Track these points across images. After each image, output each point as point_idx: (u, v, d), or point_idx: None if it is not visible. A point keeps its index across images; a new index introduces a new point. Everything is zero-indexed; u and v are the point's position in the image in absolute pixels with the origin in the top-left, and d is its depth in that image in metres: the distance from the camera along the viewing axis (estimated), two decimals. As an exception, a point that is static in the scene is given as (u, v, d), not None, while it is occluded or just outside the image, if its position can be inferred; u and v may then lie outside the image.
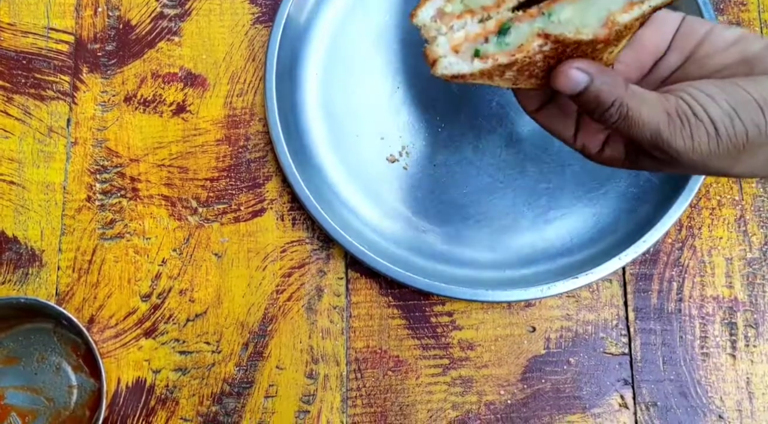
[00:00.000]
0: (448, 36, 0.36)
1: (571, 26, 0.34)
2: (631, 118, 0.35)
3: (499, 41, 0.35)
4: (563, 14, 0.34)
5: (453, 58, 0.35)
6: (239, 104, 0.59)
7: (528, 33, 0.35)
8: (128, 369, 0.54)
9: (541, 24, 0.34)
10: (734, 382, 0.53)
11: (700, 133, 0.34)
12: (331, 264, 0.56)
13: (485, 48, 0.35)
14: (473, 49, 0.35)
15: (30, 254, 0.56)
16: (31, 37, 0.60)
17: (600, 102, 0.35)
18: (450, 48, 0.36)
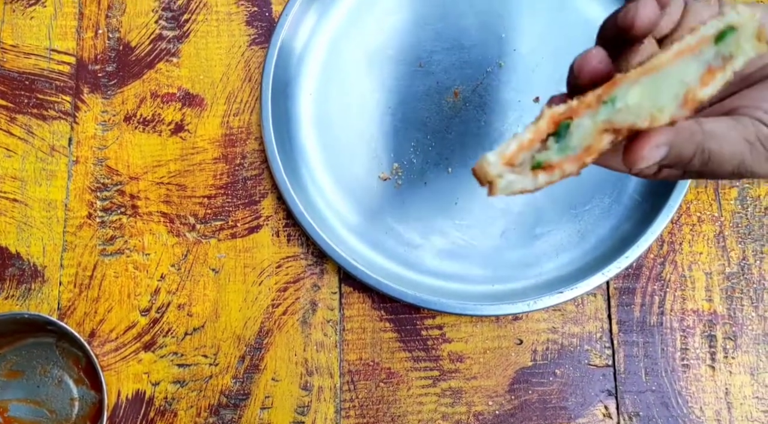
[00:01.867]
0: (498, 150, 0.30)
1: (643, 112, 0.28)
2: (713, 160, 0.32)
3: (561, 146, 0.29)
4: (630, 99, 0.29)
5: (512, 176, 0.30)
6: (236, 123, 0.60)
7: (592, 129, 0.29)
8: (128, 382, 0.56)
9: (605, 115, 0.29)
10: (713, 392, 0.55)
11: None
12: (325, 279, 0.58)
13: (546, 156, 0.30)
14: (531, 159, 0.30)
15: (32, 270, 0.58)
16: (34, 58, 0.61)
17: (680, 161, 0.32)
18: (502, 162, 0.30)
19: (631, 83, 0.29)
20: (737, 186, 0.59)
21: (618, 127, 0.29)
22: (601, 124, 0.29)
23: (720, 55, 0.29)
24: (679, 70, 0.28)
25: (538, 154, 0.30)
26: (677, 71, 0.28)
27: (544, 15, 0.61)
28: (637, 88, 0.29)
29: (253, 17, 0.62)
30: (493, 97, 0.60)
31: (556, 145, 0.30)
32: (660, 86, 0.28)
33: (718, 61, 0.29)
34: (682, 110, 0.29)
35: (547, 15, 0.61)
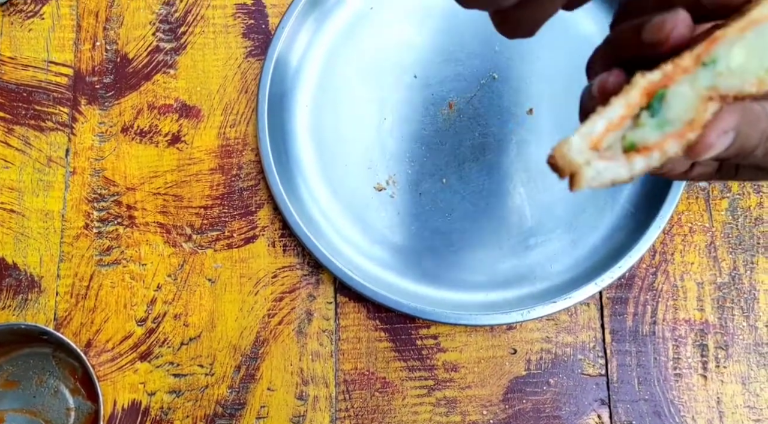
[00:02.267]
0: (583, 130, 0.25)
1: (749, 75, 0.24)
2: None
3: (659, 121, 0.24)
4: (733, 60, 0.24)
5: (601, 164, 0.25)
6: (232, 134, 0.61)
7: (693, 97, 0.24)
8: (124, 392, 0.56)
9: (707, 80, 0.24)
10: (705, 401, 0.55)
11: None
12: (321, 289, 0.58)
13: (641, 135, 0.25)
14: (622, 140, 0.25)
15: (29, 281, 0.58)
16: (32, 70, 0.62)
17: (743, 151, 0.28)
18: (588, 147, 0.25)
19: (732, 41, 0.24)
20: (728, 197, 0.59)
21: (724, 94, 0.24)
22: (703, 90, 0.24)
23: None
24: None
25: (630, 133, 0.25)
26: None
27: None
28: (740, 46, 0.24)
29: (249, 30, 0.63)
30: (488, 108, 0.61)
31: (652, 120, 0.24)
32: (765, 43, 0.24)
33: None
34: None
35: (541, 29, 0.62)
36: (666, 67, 0.25)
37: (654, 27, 0.26)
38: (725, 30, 0.24)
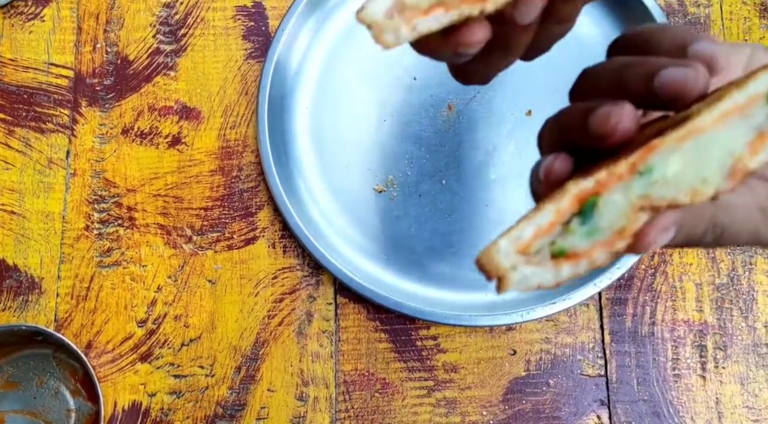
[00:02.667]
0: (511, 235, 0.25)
1: (684, 185, 0.24)
2: (726, 234, 0.28)
3: (589, 229, 0.24)
4: (670, 168, 0.24)
5: (528, 270, 0.25)
6: (232, 136, 0.61)
7: (625, 207, 0.24)
8: (125, 393, 0.56)
9: (641, 189, 0.24)
10: (704, 402, 0.56)
11: None
12: (321, 290, 0.58)
13: (570, 242, 0.24)
14: (551, 245, 0.25)
15: (30, 282, 0.58)
16: (32, 72, 0.62)
17: (690, 239, 0.28)
18: (515, 251, 0.25)
19: (669, 150, 0.24)
20: (726, 198, 0.60)
21: (656, 204, 0.24)
22: (636, 200, 0.24)
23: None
24: (724, 135, 0.24)
25: (560, 239, 0.25)
26: (723, 136, 0.24)
27: (536, 30, 0.62)
28: (677, 155, 0.24)
29: (249, 32, 0.63)
30: (487, 110, 0.61)
31: (582, 228, 0.24)
32: (703, 153, 0.23)
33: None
34: (728, 182, 0.24)
35: (539, 30, 0.63)
36: (599, 174, 0.24)
37: (599, 119, 0.25)
38: (663, 139, 0.24)
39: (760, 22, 0.63)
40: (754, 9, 0.63)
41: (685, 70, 0.24)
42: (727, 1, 0.63)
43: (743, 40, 0.62)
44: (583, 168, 0.26)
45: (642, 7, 0.60)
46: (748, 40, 0.62)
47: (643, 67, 0.26)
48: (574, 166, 0.27)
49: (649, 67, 0.26)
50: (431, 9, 0.24)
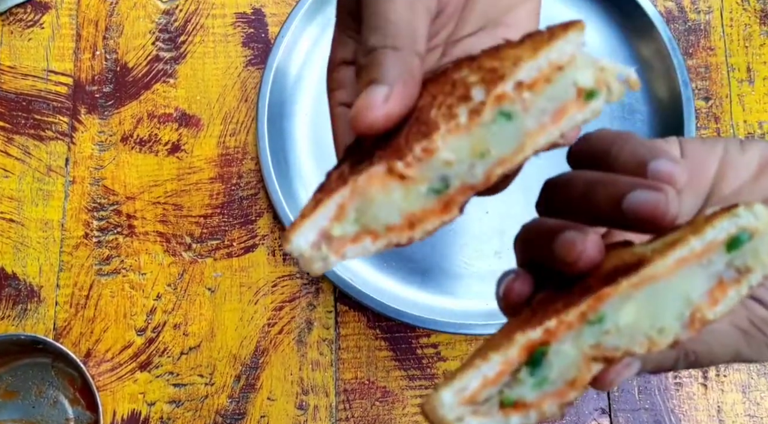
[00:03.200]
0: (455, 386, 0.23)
1: (640, 336, 0.23)
2: (702, 360, 0.27)
3: (538, 379, 0.23)
4: (623, 318, 0.23)
5: (475, 421, 0.23)
6: (232, 143, 0.61)
7: (577, 357, 0.23)
8: (124, 402, 0.56)
9: (592, 339, 0.23)
10: (706, 411, 0.55)
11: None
12: (321, 298, 0.58)
13: (519, 392, 0.23)
14: (500, 394, 0.24)
15: (29, 290, 0.58)
16: (31, 79, 0.62)
17: (662, 367, 0.27)
18: (461, 402, 0.23)
19: (623, 298, 0.23)
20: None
21: (610, 355, 0.23)
22: (587, 349, 0.23)
23: (733, 266, 0.23)
24: (682, 283, 0.23)
25: (508, 390, 0.24)
26: (680, 284, 0.23)
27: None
28: (631, 304, 0.23)
29: (249, 38, 0.63)
30: (487, 117, 0.61)
31: (531, 379, 0.23)
32: (659, 302, 0.23)
33: (731, 273, 0.23)
34: (687, 331, 0.23)
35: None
36: (549, 323, 0.23)
37: (563, 245, 0.25)
38: (616, 286, 0.23)
39: (760, 28, 0.63)
40: (755, 15, 0.63)
41: (656, 195, 0.23)
42: (728, 8, 0.63)
43: (744, 46, 0.62)
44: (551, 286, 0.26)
45: (642, 15, 0.60)
46: (749, 46, 0.62)
47: (611, 187, 0.25)
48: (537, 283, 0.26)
49: (618, 188, 0.25)
50: (359, 237, 0.25)
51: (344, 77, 0.31)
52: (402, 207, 0.25)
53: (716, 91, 0.61)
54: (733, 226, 0.23)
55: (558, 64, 0.24)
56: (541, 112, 0.24)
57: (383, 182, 0.25)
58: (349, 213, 0.25)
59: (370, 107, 0.25)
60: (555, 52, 0.24)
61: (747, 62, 0.62)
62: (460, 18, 0.32)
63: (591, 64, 0.25)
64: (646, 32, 0.60)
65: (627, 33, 0.62)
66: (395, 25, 0.27)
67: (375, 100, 0.25)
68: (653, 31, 0.60)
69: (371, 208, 0.25)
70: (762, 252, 0.23)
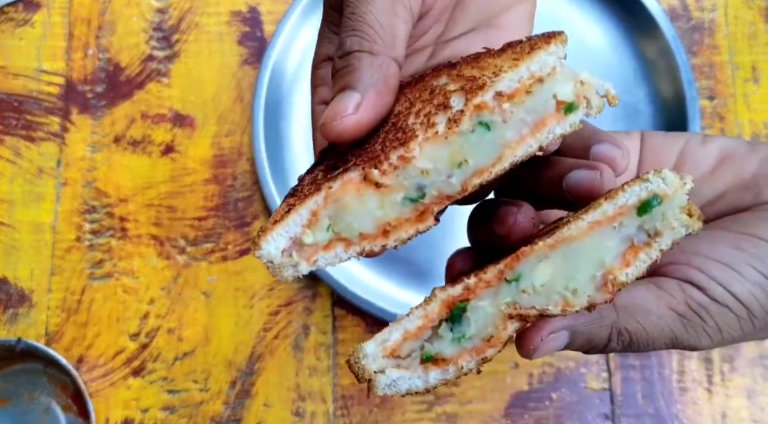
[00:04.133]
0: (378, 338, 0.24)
1: (555, 296, 0.24)
2: (637, 341, 0.27)
3: (456, 335, 0.24)
4: (537, 277, 0.24)
5: (396, 373, 0.24)
6: (227, 144, 0.60)
7: (494, 315, 0.24)
8: (117, 408, 0.55)
9: (509, 297, 0.24)
10: (710, 416, 0.54)
11: (729, 321, 0.26)
12: (318, 302, 0.57)
13: (438, 347, 0.24)
14: (420, 350, 0.24)
15: (20, 295, 0.57)
16: (22, 79, 0.61)
17: (594, 344, 0.27)
18: (383, 354, 0.24)
19: (539, 258, 0.24)
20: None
21: (525, 312, 0.24)
22: (504, 307, 0.24)
23: (644, 230, 0.24)
24: (595, 245, 0.24)
25: (428, 345, 0.24)
26: (593, 246, 0.24)
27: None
28: (546, 264, 0.24)
29: (244, 37, 0.62)
30: (487, 117, 0.60)
31: (450, 335, 0.24)
32: (573, 263, 0.24)
33: (642, 237, 0.24)
34: (600, 294, 0.24)
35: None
36: (469, 280, 0.24)
37: (497, 219, 0.26)
38: (532, 247, 0.24)
39: (765, 26, 0.62)
40: (759, 13, 0.62)
41: (592, 173, 0.26)
42: (732, 6, 0.62)
43: (748, 45, 0.61)
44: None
45: (646, 13, 0.59)
46: (753, 45, 0.61)
47: (555, 167, 0.27)
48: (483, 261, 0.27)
49: (560, 168, 0.27)
50: (332, 244, 0.25)
51: (327, 74, 0.30)
52: (377, 215, 0.25)
53: (721, 90, 0.60)
54: (644, 190, 0.24)
55: (539, 76, 0.25)
56: (520, 124, 0.24)
57: (358, 190, 0.24)
58: (323, 220, 0.25)
59: (340, 116, 0.25)
60: (536, 64, 0.24)
61: (752, 61, 0.61)
62: (450, 18, 0.31)
63: (571, 77, 0.25)
64: (649, 30, 0.59)
65: (631, 31, 0.61)
66: (373, 29, 0.26)
67: (345, 109, 0.26)
68: (657, 29, 0.58)
69: (345, 216, 0.25)
70: (670, 216, 0.23)
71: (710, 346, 0.27)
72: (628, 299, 0.27)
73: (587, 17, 0.62)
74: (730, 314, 0.26)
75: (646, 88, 0.60)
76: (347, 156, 0.26)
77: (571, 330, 0.26)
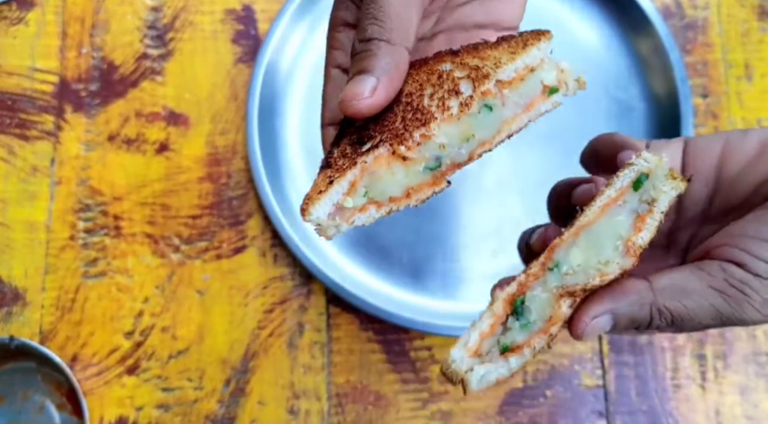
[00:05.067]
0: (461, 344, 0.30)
1: (592, 270, 0.29)
2: (681, 318, 0.30)
3: (522, 323, 0.29)
4: (573, 261, 0.29)
5: (482, 369, 0.29)
6: (221, 142, 0.60)
7: (548, 298, 0.29)
8: (111, 406, 0.55)
9: (555, 281, 0.29)
10: (704, 412, 0.55)
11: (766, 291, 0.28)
12: (312, 300, 0.57)
13: (511, 338, 0.29)
14: (498, 344, 0.30)
15: (13, 293, 0.57)
16: (16, 77, 0.61)
17: (638, 323, 0.30)
18: (469, 355, 0.29)
19: (568, 246, 0.30)
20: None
21: (572, 290, 0.29)
22: (554, 290, 0.29)
23: (644, 201, 0.30)
24: (609, 223, 0.30)
25: (502, 338, 0.30)
26: (608, 224, 0.30)
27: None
28: (575, 248, 0.30)
29: (239, 35, 0.62)
30: (481, 115, 0.60)
31: (517, 323, 0.30)
32: (597, 241, 0.29)
33: (644, 207, 0.30)
34: (627, 259, 0.29)
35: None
36: (520, 277, 0.30)
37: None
38: (560, 238, 0.30)
39: (758, 24, 0.62)
40: (752, 12, 0.62)
41: (588, 185, 0.33)
42: (725, 4, 0.62)
43: (741, 42, 0.61)
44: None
45: (639, 11, 0.59)
46: (746, 42, 0.61)
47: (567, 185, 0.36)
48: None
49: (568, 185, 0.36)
50: (366, 207, 0.31)
51: (344, 39, 0.34)
52: (403, 182, 0.31)
53: (714, 88, 0.60)
54: (633, 171, 0.30)
55: (531, 67, 0.31)
56: (515, 105, 0.32)
57: (388, 163, 0.31)
58: (359, 189, 0.31)
59: (358, 97, 0.30)
60: (530, 58, 0.31)
61: (745, 59, 0.61)
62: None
63: (555, 67, 0.32)
64: (643, 29, 0.59)
65: (625, 29, 0.61)
66: (391, 19, 0.31)
67: (363, 91, 0.30)
68: (651, 27, 0.59)
69: (378, 184, 0.31)
70: (659, 184, 0.30)
71: (762, 319, 0.29)
72: (667, 282, 0.30)
73: (582, 16, 0.62)
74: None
75: (640, 86, 0.60)
76: (370, 131, 0.31)
77: (613, 313, 0.29)
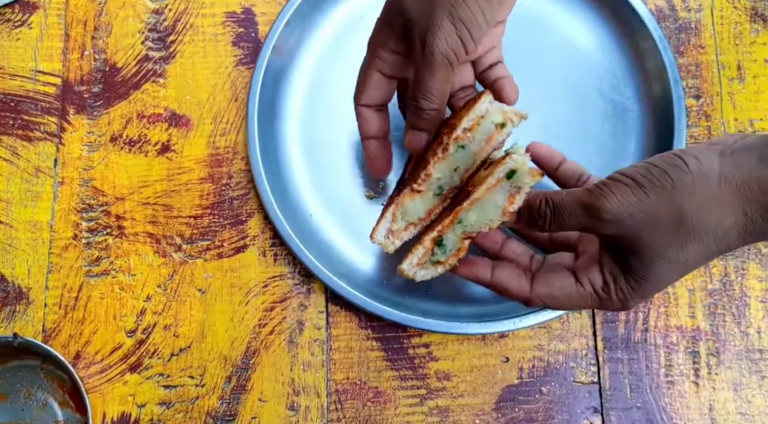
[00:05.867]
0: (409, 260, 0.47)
1: (482, 224, 0.45)
2: (559, 206, 0.41)
3: (442, 250, 0.47)
4: (470, 218, 0.45)
5: (422, 272, 0.48)
6: (222, 143, 0.61)
7: (456, 239, 0.46)
8: (113, 404, 0.56)
9: (460, 230, 0.46)
10: (698, 409, 0.55)
11: (620, 189, 0.39)
12: (312, 298, 0.58)
13: (437, 257, 0.47)
14: (431, 260, 0.47)
15: (17, 292, 0.58)
16: (19, 79, 0.62)
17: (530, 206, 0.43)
18: (415, 265, 0.47)
19: (467, 210, 0.45)
20: (718, 203, 0.59)
21: (470, 235, 0.46)
22: (460, 234, 0.46)
23: (514, 186, 0.43)
24: (492, 198, 0.44)
25: (432, 256, 0.47)
26: (492, 199, 0.44)
27: (526, 36, 0.62)
28: (472, 212, 0.45)
29: (239, 38, 0.63)
30: (478, 116, 0.61)
31: (439, 250, 0.47)
32: (485, 209, 0.44)
33: (514, 189, 0.44)
34: (504, 217, 0.44)
35: (529, 36, 0.62)
36: (439, 227, 0.46)
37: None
38: (462, 206, 0.45)
39: (750, 26, 0.63)
40: (745, 13, 0.63)
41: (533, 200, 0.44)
42: (718, 6, 0.63)
43: (734, 44, 0.62)
44: None
45: (633, 14, 0.60)
46: (739, 44, 0.62)
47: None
48: None
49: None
50: (407, 228, 0.49)
51: (376, 84, 0.50)
52: (423, 208, 0.49)
53: (707, 89, 0.61)
54: (506, 168, 0.43)
55: (482, 115, 0.47)
56: (479, 141, 0.47)
57: (411, 197, 0.48)
58: (398, 217, 0.49)
59: (415, 143, 0.48)
60: (478, 110, 0.46)
61: (737, 60, 0.62)
62: None
63: (499, 110, 0.47)
64: (637, 31, 0.60)
65: (618, 31, 0.62)
66: (436, 96, 0.45)
67: (419, 141, 0.48)
68: (644, 29, 0.60)
69: (408, 212, 0.49)
70: (522, 177, 0.43)
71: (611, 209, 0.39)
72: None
73: (575, 18, 0.63)
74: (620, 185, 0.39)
75: (634, 87, 0.61)
76: (406, 175, 0.53)
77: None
